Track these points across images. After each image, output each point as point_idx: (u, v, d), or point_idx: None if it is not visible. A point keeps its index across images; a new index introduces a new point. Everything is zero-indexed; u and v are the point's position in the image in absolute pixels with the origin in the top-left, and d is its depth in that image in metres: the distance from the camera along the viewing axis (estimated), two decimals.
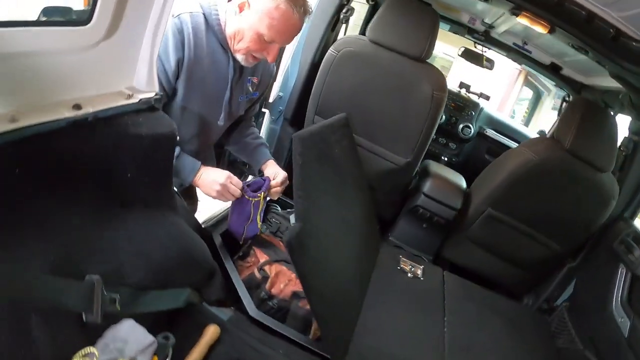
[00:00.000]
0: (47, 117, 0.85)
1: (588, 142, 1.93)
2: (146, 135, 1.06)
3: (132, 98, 1.08)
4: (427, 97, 1.95)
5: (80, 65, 0.95)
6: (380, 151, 2.14)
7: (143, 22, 1.05)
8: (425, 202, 2.25)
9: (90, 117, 0.94)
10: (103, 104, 0.99)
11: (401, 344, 1.59)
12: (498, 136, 3.07)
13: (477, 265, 2.39)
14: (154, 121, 1.11)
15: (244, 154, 1.83)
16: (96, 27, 0.92)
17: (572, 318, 2.07)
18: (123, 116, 1.04)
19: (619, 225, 2.06)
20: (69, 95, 0.95)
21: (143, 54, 1.10)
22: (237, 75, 1.53)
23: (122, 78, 1.10)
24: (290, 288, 1.53)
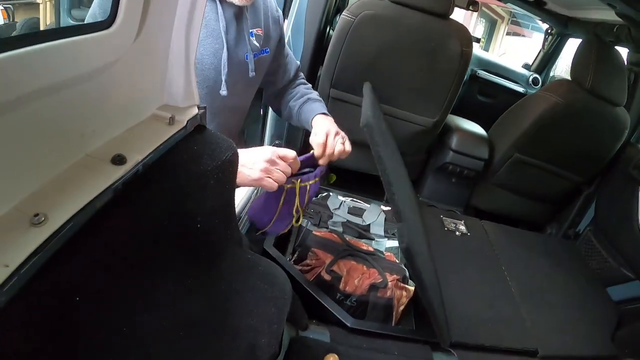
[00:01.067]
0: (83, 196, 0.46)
1: (605, 80, 1.80)
2: (211, 168, 0.66)
3: (175, 122, 0.67)
4: (456, 54, 1.63)
5: (105, 89, 0.54)
6: (405, 115, 1.81)
7: (171, 11, 0.63)
8: (455, 158, 1.99)
9: (140, 169, 0.54)
10: (146, 141, 0.59)
11: (482, 304, 1.50)
12: (489, 76, 2.76)
13: (503, 207, 2.23)
14: (211, 145, 0.70)
15: (295, 122, 1.29)
16: (123, 28, 0.51)
17: (600, 241, 2.04)
18: (175, 151, 0.64)
19: (628, 150, 2.01)
20: (99, 140, 0.55)
21: (175, 58, 0.68)
22: (233, 28, 1.04)
23: (152, 96, 0.68)
24: (366, 281, 1.31)
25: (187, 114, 0.70)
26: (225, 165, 0.69)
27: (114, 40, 0.50)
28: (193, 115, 0.70)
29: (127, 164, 0.53)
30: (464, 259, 1.69)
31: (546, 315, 1.57)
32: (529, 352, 1.39)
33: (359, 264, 1.34)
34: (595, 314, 1.70)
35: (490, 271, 1.69)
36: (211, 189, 0.67)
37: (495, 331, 1.39)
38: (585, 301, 1.75)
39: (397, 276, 1.34)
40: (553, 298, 1.68)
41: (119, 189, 0.51)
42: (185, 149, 0.65)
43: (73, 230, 0.44)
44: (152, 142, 0.59)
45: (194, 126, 0.71)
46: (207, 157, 0.66)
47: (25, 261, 0.38)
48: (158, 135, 0.62)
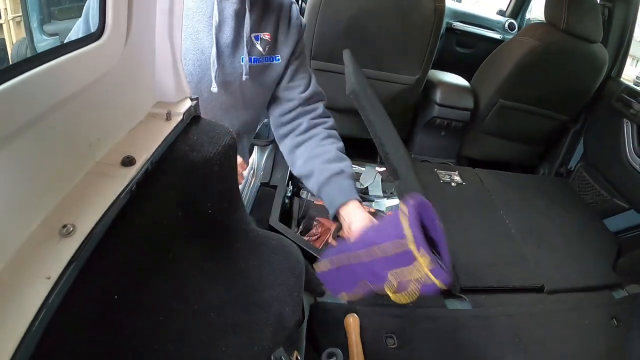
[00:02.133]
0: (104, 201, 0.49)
1: (579, 18, 1.83)
2: (213, 155, 0.69)
3: (173, 117, 0.69)
4: (429, 9, 1.64)
5: (104, 97, 0.56)
6: (387, 76, 1.83)
7: (152, 11, 0.64)
8: (441, 111, 2.02)
9: (149, 167, 0.57)
10: (149, 140, 0.62)
11: (485, 249, 1.54)
12: (465, 27, 2.75)
13: (494, 153, 2.29)
14: (209, 133, 0.73)
15: (310, 184, 1.04)
16: (113, 37, 0.53)
17: (591, 175, 2.11)
18: (176, 144, 0.66)
19: (609, 85, 2.06)
20: (106, 146, 0.57)
21: (162, 56, 0.69)
22: (229, 27, 0.95)
23: (146, 95, 0.70)
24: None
25: (181, 107, 0.72)
26: (226, 149, 0.72)
27: (107, 50, 0.52)
28: (187, 107, 0.72)
29: (136, 164, 0.55)
30: (463, 208, 1.74)
31: (548, 252, 1.63)
32: (536, 288, 1.45)
33: None
34: (595, 246, 1.77)
35: (489, 216, 1.74)
36: (216, 175, 0.70)
37: (501, 272, 1.45)
38: (584, 235, 1.82)
39: None
40: (553, 235, 1.74)
41: (134, 189, 0.53)
42: (185, 141, 0.68)
43: (100, 235, 0.47)
44: (155, 140, 0.62)
45: (190, 117, 0.73)
46: (207, 145, 0.69)
47: (64, 270, 0.42)
48: (159, 132, 0.64)
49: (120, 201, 0.51)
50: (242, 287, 0.72)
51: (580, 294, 1.51)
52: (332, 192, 0.97)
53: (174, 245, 0.63)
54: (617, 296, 1.57)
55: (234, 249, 0.76)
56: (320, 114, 1.09)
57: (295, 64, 1.07)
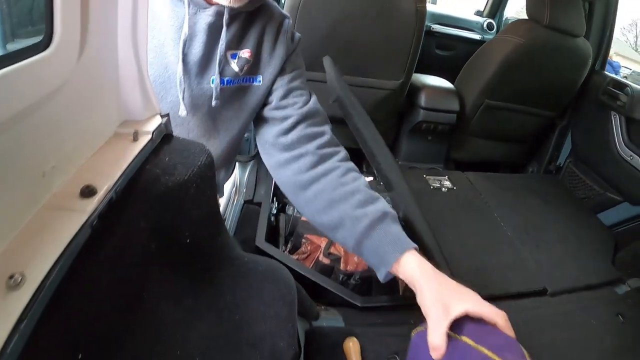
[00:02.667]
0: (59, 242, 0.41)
1: (561, 13, 1.81)
2: (188, 177, 0.61)
3: (140, 136, 0.61)
4: (411, 12, 1.60)
5: (56, 118, 0.49)
6: (370, 82, 1.78)
7: (112, 18, 0.57)
8: (427, 115, 1.98)
9: (114, 196, 0.50)
10: (113, 164, 0.54)
11: (483, 255, 1.50)
12: (444, 29, 2.73)
13: (482, 154, 2.26)
14: (182, 153, 0.65)
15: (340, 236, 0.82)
16: (63, 47, 0.45)
17: (582, 170, 2.08)
18: (145, 167, 0.59)
19: (594, 78, 2.05)
20: (63, 175, 0.50)
21: (126, 69, 0.62)
22: (199, 42, 0.81)
23: (110, 114, 0.63)
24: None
25: (150, 125, 0.64)
26: (202, 170, 0.65)
27: (55, 62, 0.44)
28: (157, 125, 0.65)
29: (98, 193, 0.48)
30: (456, 214, 1.70)
31: (546, 252, 1.60)
32: (539, 291, 1.40)
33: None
34: (592, 241, 1.74)
35: (484, 220, 1.70)
36: (193, 199, 0.63)
37: (502, 278, 1.40)
38: (580, 231, 1.79)
39: None
40: (549, 234, 1.71)
41: (95, 224, 0.46)
42: (156, 163, 0.60)
43: (55, 284, 0.39)
44: (120, 164, 0.54)
45: (161, 136, 0.66)
46: (181, 167, 0.61)
47: (12, 332, 0.34)
48: (125, 155, 0.57)
49: (78, 240, 0.44)
50: (229, 323, 0.64)
51: (583, 293, 1.48)
52: (381, 246, 0.75)
53: (148, 283, 0.55)
54: (619, 292, 1.54)
55: (219, 280, 0.68)
56: (328, 140, 0.88)
57: (286, 81, 0.91)
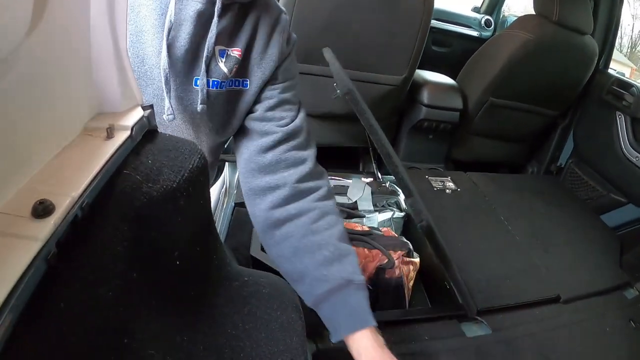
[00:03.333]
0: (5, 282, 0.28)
1: (570, 10, 1.74)
2: (177, 184, 0.48)
3: (116, 132, 0.48)
4: (418, 3, 1.49)
5: (4, 110, 0.35)
6: (372, 77, 1.67)
7: None
8: (429, 113, 1.89)
9: (79, 213, 0.37)
10: (79, 170, 0.41)
11: (495, 262, 1.44)
12: (440, 24, 2.64)
13: (482, 154, 2.18)
14: (169, 154, 0.53)
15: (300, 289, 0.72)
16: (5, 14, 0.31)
17: (584, 171, 2.04)
18: (122, 173, 0.46)
19: (598, 77, 1.99)
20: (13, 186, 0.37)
21: (101, 49, 0.48)
22: (185, 32, 0.68)
23: (79, 105, 0.49)
24: (371, 265, 1.20)
25: (129, 118, 0.51)
26: (194, 174, 0.52)
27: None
28: (138, 119, 0.52)
29: (55, 212, 0.35)
30: (463, 217, 1.63)
31: (556, 257, 1.55)
32: (552, 299, 1.36)
33: (358, 247, 1.20)
34: (598, 244, 1.70)
35: (491, 224, 1.63)
36: (183, 212, 0.50)
37: (515, 286, 1.35)
38: (586, 234, 1.74)
39: (402, 251, 1.25)
40: (556, 238, 1.65)
41: (52, 256, 0.33)
42: (136, 167, 0.48)
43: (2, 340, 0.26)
44: (88, 169, 0.41)
45: (143, 132, 0.53)
46: (167, 171, 0.49)
47: None
48: (95, 157, 0.44)
49: (29, 281, 0.31)
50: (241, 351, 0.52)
51: (595, 299, 1.44)
52: (335, 316, 0.68)
53: (131, 323, 0.43)
54: (629, 296, 1.51)
55: (217, 310, 0.56)
56: (309, 172, 0.77)
57: (277, 91, 0.79)
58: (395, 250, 1.23)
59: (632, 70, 13.66)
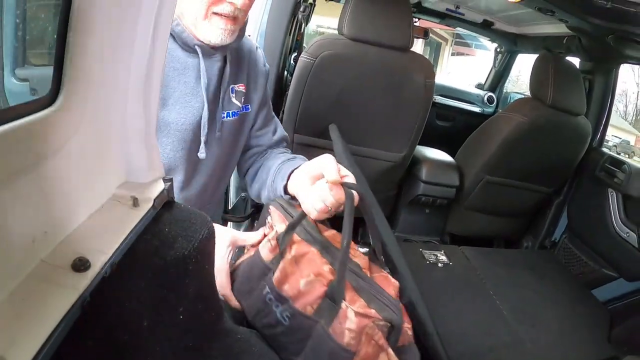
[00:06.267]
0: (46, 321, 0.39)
1: (564, 93, 1.91)
2: (189, 252, 0.59)
3: (141, 203, 0.60)
4: (420, 86, 1.66)
5: (53, 178, 0.47)
6: (373, 153, 1.82)
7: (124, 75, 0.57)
8: (426, 189, 2.02)
9: (107, 271, 0.47)
10: (110, 233, 0.52)
11: (479, 334, 1.52)
12: (445, 100, 2.87)
13: (478, 228, 2.30)
14: (184, 224, 0.64)
15: (269, 186, 1.01)
16: (70, 103, 0.44)
17: (577, 246, 2.14)
18: (144, 237, 0.57)
19: (592, 155, 2.15)
20: (54, 241, 0.47)
21: (134, 128, 0.61)
22: (213, 85, 0.97)
23: (110, 175, 0.61)
24: (318, 290, 0.70)
25: (152, 190, 0.63)
26: (203, 243, 0.63)
27: (59, 121, 0.43)
28: (160, 191, 0.64)
29: (91, 268, 0.46)
30: (451, 291, 1.71)
31: (542, 331, 1.61)
32: None
33: (319, 254, 0.75)
34: (587, 318, 1.77)
35: (480, 298, 1.71)
36: (191, 275, 0.60)
37: (499, 359, 1.40)
38: (575, 308, 1.81)
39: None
40: (545, 312, 1.72)
41: (87, 301, 0.43)
42: (156, 234, 0.59)
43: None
44: (118, 234, 0.52)
45: (162, 204, 0.64)
46: (181, 240, 0.60)
47: None
48: (123, 223, 0.55)
49: (68, 320, 0.41)
50: None
51: None
52: (284, 172, 0.95)
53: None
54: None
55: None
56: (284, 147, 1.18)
57: (264, 111, 1.13)
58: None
59: (637, 138, 13.94)
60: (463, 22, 2.69)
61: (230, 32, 0.89)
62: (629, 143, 11.75)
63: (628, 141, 11.94)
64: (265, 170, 1.06)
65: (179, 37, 0.91)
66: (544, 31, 2.32)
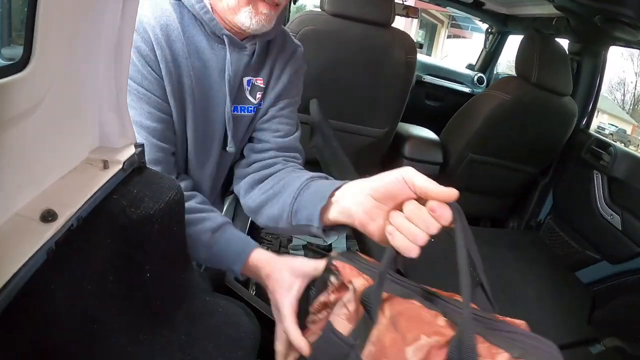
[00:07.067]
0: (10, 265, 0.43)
1: (549, 72, 1.93)
2: (154, 212, 0.64)
3: (110, 165, 0.64)
4: (400, 62, 1.70)
5: (26, 138, 0.51)
6: (356, 129, 1.85)
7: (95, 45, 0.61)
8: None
9: (75, 223, 0.52)
10: (79, 191, 0.56)
11: None
12: (435, 80, 2.89)
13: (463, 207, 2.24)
14: (152, 187, 0.68)
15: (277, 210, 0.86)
16: (40, 69, 0.48)
17: (562, 227, 2.19)
18: (112, 197, 0.61)
19: (579, 137, 2.18)
20: (27, 196, 0.52)
21: (106, 95, 0.65)
22: (237, 78, 0.91)
23: (83, 139, 0.66)
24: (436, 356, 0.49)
25: (123, 154, 0.67)
26: (170, 206, 0.67)
27: (30, 84, 0.47)
28: (130, 155, 0.68)
29: (58, 219, 0.50)
30: (431, 267, 1.72)
31: (521, 309, 1.60)
32: None
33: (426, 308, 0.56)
34: (569, 299, 1.80)
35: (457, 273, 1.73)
36: (157, 235, 0.65)
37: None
38: (557, 289, 1.85)
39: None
40: (525, 291, 1.76)
41: (52, 250, 0.48)
42: (124, 194, 0.63)
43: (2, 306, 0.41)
44: (86, 191, 0.57)
45: (132, 167, 0.69)
46: (148, 200, 0.64)
47: None
48: (92, 183, 0.59)
49: (32, 264, 0.46)
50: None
51: None
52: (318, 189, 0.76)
53: (103, 314, 0.56)
54: (594, 351, 1.57)
55: (175, 318, 0.69)
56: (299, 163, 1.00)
57: (279, 106, 0.99)
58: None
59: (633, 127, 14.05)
60: (454, 2, 2.70)
61: (270, 18, 0.83)
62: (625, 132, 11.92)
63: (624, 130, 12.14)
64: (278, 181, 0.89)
65: (208, 26, 0.84)
66: (534, 12, 2.34)
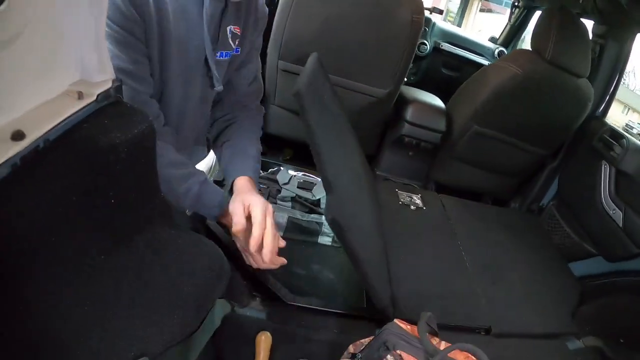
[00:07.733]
0: None
1: (566, 50, 1.85)
2: (121, 141, 0.70)
3: (84, 97, 0.70)
4: (406, 22, 1.67)
5: (4, 67, 0.57)
6: (357, 87, 1.86)
7: None
8: (410, 130, 2.05)
9: (41, 144, 0.59)
10: (50, 117, 0.63)
11: (433, 281, 1.53)
12: (453, 49, 2.84)
13: (465, 180, 2.31)
14: (123, 119, 0.74)
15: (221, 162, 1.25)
16: (15, 5, 0.53)
17: (563, 215, 2.14)
18: (82, 125, 0.68)
19: (593, 124, 2.08)
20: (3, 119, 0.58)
21: (84, 28, 0.71)
22: (213, 25, 1.03)
23: (63, 72, 0.71)
24: None
25: (98, 87, 0.74)
26: (139, 137, 0.74)
27: (7, 17, 0.53)
28: (104, 89, 0.74)
29: (25, 139, 0.57)
30: (417, 234, 1.74)
31: (503, 291, 1.62)
32: (482, 329, 1.42)
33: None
34: (556, 290, 1.77)
35: (445, 246, 1.74)
36: (123, 163, 0.72)
37: (445, 308, 1.42)
38: (546, 277, 1.82)
39: None
40: (512, 274, 1.74)
41: (17, 165, 0.55)
42: (95, 124, 0.69)
43: None
44: (56, 117, 0.63)
45: (107, 100, 0.75)
46: (117, 131, 0.70)
47: None
48: (64, 110, 0.66)
49: None
50: (134, 286, 0.73)
51: (532, 340, 1.47)
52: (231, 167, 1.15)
53: (62, 227, 0.64)
54: (571, 347, 1.53)
55: (135, 244, 0.77)
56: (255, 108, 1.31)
57: (251, 52, 1.22)
58: None
59: None
60: None
61: None
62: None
63: None
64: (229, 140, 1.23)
65: None
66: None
